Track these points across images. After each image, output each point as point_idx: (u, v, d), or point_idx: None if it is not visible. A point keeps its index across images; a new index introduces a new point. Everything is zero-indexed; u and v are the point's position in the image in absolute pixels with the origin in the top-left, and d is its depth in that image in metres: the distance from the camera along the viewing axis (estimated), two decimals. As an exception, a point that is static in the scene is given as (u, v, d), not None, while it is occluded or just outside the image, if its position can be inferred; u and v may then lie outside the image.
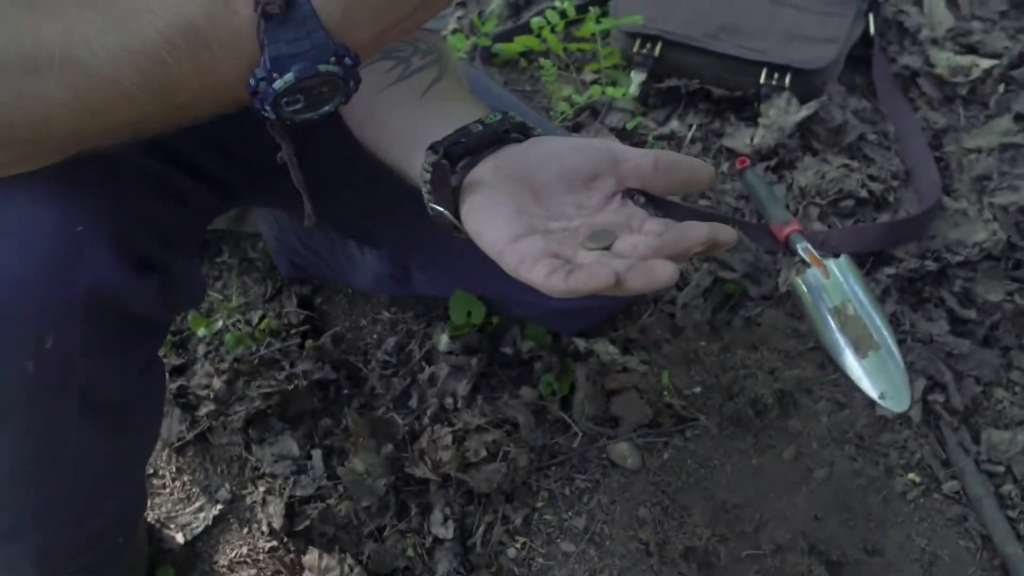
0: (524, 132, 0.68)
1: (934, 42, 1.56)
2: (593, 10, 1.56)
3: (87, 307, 0.64)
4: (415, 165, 0.67)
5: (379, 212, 1.07)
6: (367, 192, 0.99)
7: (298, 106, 0.53)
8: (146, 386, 0.82)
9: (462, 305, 1.19)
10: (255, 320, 1.33)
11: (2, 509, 0.74)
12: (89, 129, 0.53)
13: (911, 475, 1.09)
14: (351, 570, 1.05)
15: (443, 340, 1.25)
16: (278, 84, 0.50)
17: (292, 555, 1.09)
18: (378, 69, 0.79)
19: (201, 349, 1.29)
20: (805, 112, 1.39)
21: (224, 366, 1.25)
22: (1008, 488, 1.06)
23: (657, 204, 1.36)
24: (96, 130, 0.53)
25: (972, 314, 1.19)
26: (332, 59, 0.51)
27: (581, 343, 1.20)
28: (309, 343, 1.26)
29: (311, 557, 1.07)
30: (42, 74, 0.49)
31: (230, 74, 0.51)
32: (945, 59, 1.50)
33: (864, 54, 1.55)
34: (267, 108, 0.52)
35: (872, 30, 1.54)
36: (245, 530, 1.13)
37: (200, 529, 1.13)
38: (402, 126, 0.76)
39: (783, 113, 1.40)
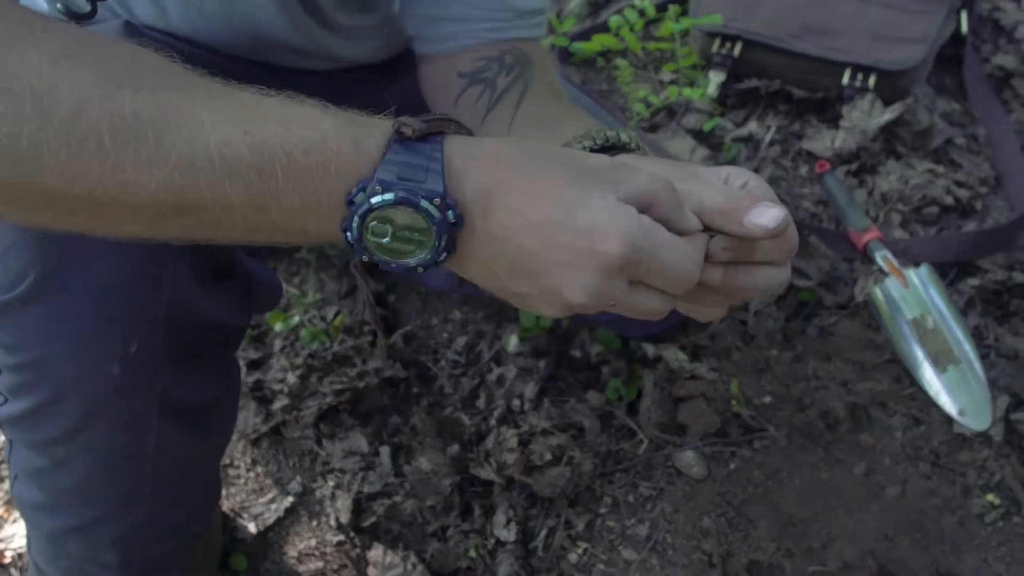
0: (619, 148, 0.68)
1: (1032, 40, 1.49)
2: (672, 9, 1.54)
3: (169, 317, 0.70)
4: None
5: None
6: None
7: (384, 239, 0.51)
8: (222, 390, 0.88)
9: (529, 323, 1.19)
10: (330, 316, 1.36)
11: (87, 500, 0.79)
12: (167, 226, 0.50)
13: (990, 496, 1.05)
14: (414, 568, 1.07)
15: (512, 341, 1.26)
16: (376, 199, 0.49)
17: (358, 550, 1.12)
18: (469, 98, 0.80)
19: (278, 344, 1.33)
20: (889, 115, 1.34)
21: (299, 361, 1.29)
22: (1094, 515, 1.02)
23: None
24: (172, 228, 0.51)
25: (1062, 330, 1.13)
26: (436, 201, 0.50)
27: (650, 348, 1.20)
28: (381, 341, 1.29)
29: (376, 553, 1.09)
30: (149, 157, 0.47)
31: (334, 196, 0.50)
32: (1044, 59, 1.43)
33: (955, 53, 1.50)
34: (354, 223, 0.50)
35: (964, 28, 1.48)
36: (314, 523, 1.16)
37: (272, 520, 1.16)
38: None
39: (866, 116, 1.36)
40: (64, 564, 0.86)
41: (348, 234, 0.50)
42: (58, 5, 0.64)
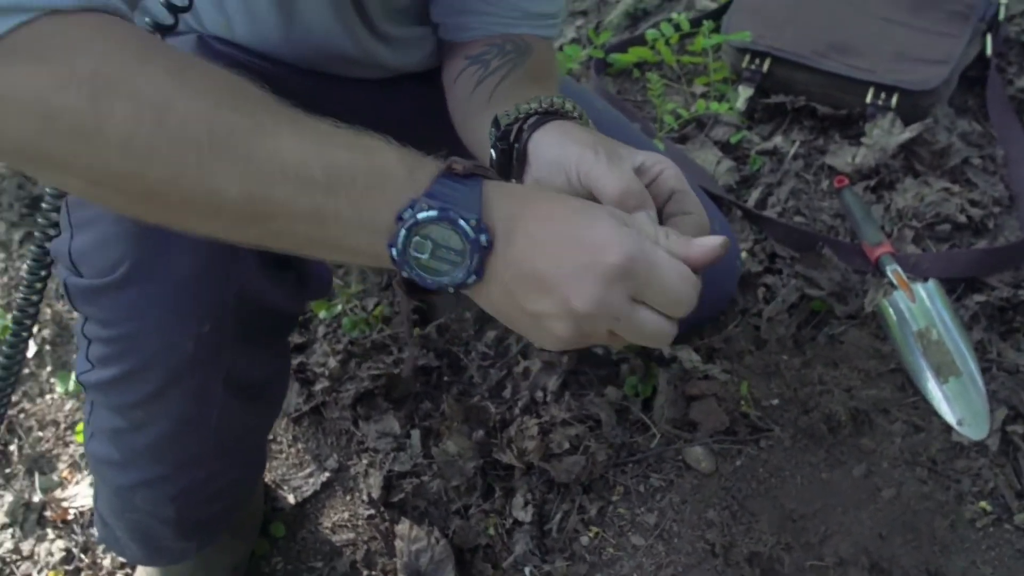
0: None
1: (1057, 65, 1.53)
2: (706, 24, 1.60)
3: (237, 302, 0.82)
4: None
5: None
6: None
7: (423, 255, 0.58)
8: (276, 369, 1.02)
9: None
10: (370, 307, 1.45)
11: (157, 459, 0.91)
12: (240, 231, 0.59)
13: (982, 503, 1.11)
14: (437, 542, 1.16)
15: (538, 337, 1.34)
16: (422, 215, 0.56)
17: (387, 524, 1.21)
18: (466, 75, 0.89)
19: (321, 330, 1.43)
20: (908, 134, 1.40)
21: (340, 347, 1.39)
22: (1081, 524, 1.07)
23: (751, 218, 1.41)
24: (244, 234, 0.59)
25: (1062, 347, 1.18)
26: (472, 222, 0.57)
27: (667, 349, 1.27)
28: (416, 331, 1.38)
29: (403, 527, 1.18)
30: (235, 167, 0.54)
31: (387, 215, 0.57)
32: (1066, 83, 1.47)
33: (980, 75, 1.54)
34: (400, 237, 0.57)
35: (989, 51, 1.52)
36: (348, 497, 1.26)
37: (309, 493, 1.26)
38: (478, 136, 0.85)
39: (886, 134, 1.42)
40: (129, 517, 0.97)
41: (393, 249, 0.57)
42: (147, 19, 0.74)
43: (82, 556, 1.25)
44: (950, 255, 1.29)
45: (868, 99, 1.47)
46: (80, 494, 1.32)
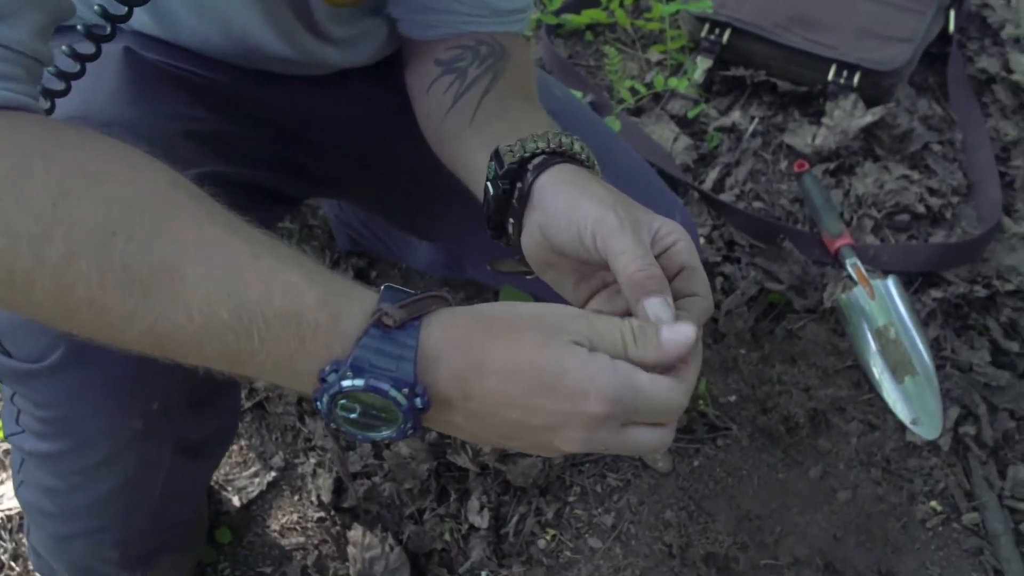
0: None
1: (1016, 42, 1.51)
2: (665, -12, 1.53)
3: (186, 373, 0.72)
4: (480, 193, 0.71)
5: (440, 217, 1.10)
6: (431, 199, 1.03)
7: (352, 415, 0.52)
8: (228, 419, 0.95)
9: (511, 300, 1.22)
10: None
11: (97, 514, 0.84)
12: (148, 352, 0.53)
13: (933, 503, 1.13)
14: (391, 549, 1.13)
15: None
16: (347, 383, 0.50)
17: (338, 528, 1.18)
18: (440, 86, 0.81)
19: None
20: (870, 117, 1.37)
21: (282, 337, 1.32)
22: (1028, 526, 1.09)
23: (709, 201, 1.37)
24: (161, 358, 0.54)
25: (1015, 346, 1.19)
26: (405, 390, 0.50)
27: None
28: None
29: (355, 533, 1.15)
30: (133, 309, 0.49)
31: (308, 366, 0.51)
32: (1025, 64, 1.45)
33: (941, 51, 1.51)
34: (324, 399, 0.51)
35: (952, 27, 1.49)
36: (296, 498, 1.22)
37: (255, 494, 1.21)
38: (462, 159, 0.79)
39: (848, 116, 1.38)
40: (66, 558, 0.91)
41: (318, 403, 0.51)
42: (95, 8, 0.65)
43: (12, 564, 1.19)
44: (909, 248, 1.28)
45: (830, 76, 1.43)
46: (6, 495, 1.25)
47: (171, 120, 0.78)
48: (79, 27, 0.64)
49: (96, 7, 0.62)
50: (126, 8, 0.62)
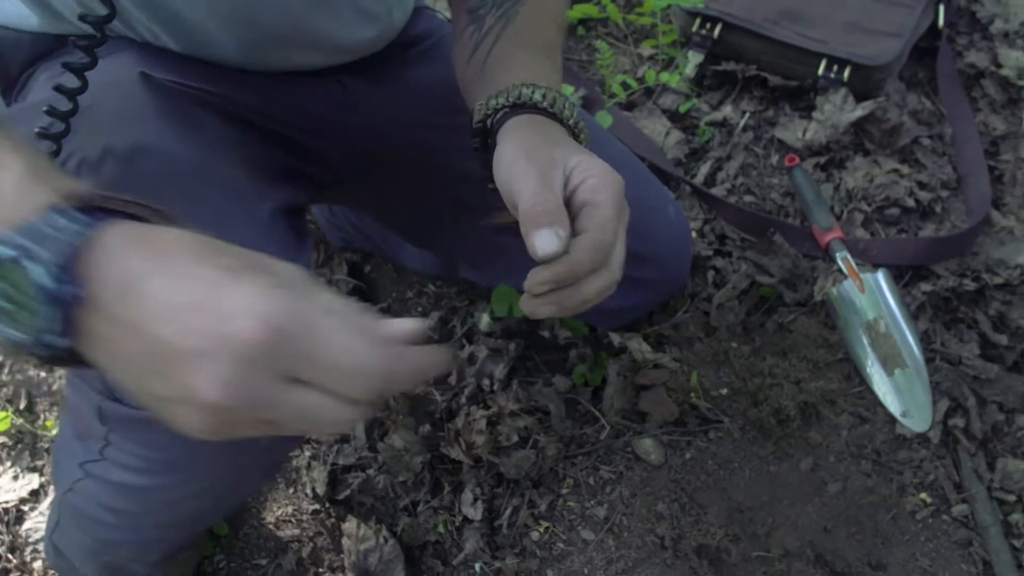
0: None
1: (1006, 36, 1.51)
2: (656, -17, 1.54)
3: None
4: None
5: (435, 224, 1.12)
6: (427, 207, 1.05)
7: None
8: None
9: (505, 299, 1.23)
10: (307, 284, 1.39)
11: (164, 527, 0.87)
12: None
13: (923, 495, 1.14)
14: (385, 541, 1.14)
15: (484, 319, 1.31)
16: None
17: (333, 520, 1.18)
18: (466, 36, 0.83)
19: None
20: (860, 111, 1.37)
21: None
22: (1016, 517, 1.10)
23: (701, 195, 1.38)
24: None
25: (1004, 339, 1.20)
26: (54, 269, 0.44)
27: (616, 337, 1.25)
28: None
29: (350, 525, 1.16)
30: None
31: None
32: (1015, 59, 1.46)
33: (930, 45, 1.52)
34: None
35: (941, 22, 1.50)
36: (291, 491, 1.22)
37: (250, 487, 1.22)
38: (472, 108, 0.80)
39: (838, 110, 1.39)
40: (104, 560, 0.91)
41: None
42: (78, 8, 0.65)
43: (10, 556, 1.19)
44: (899, 242, 1.29)
45: (820, 71, 1.43)
46: (2, 488, 1.25)
47: (215, 150, 0.78)
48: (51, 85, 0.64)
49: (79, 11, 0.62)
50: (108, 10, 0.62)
